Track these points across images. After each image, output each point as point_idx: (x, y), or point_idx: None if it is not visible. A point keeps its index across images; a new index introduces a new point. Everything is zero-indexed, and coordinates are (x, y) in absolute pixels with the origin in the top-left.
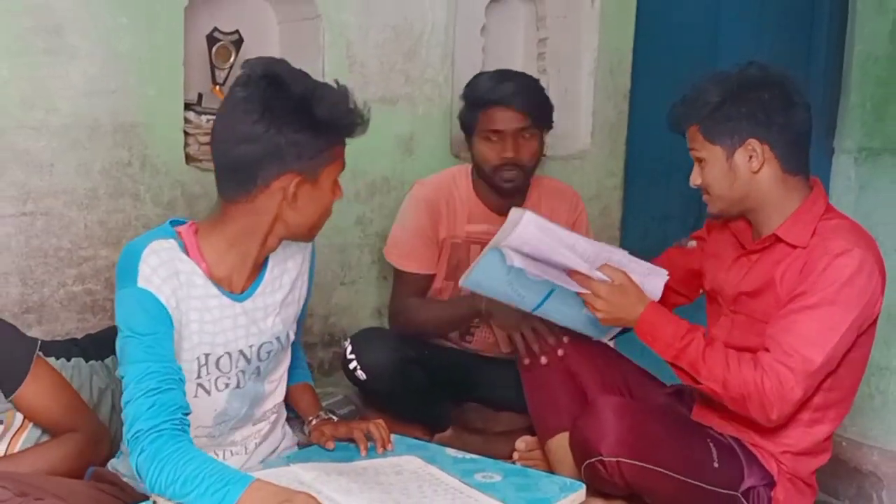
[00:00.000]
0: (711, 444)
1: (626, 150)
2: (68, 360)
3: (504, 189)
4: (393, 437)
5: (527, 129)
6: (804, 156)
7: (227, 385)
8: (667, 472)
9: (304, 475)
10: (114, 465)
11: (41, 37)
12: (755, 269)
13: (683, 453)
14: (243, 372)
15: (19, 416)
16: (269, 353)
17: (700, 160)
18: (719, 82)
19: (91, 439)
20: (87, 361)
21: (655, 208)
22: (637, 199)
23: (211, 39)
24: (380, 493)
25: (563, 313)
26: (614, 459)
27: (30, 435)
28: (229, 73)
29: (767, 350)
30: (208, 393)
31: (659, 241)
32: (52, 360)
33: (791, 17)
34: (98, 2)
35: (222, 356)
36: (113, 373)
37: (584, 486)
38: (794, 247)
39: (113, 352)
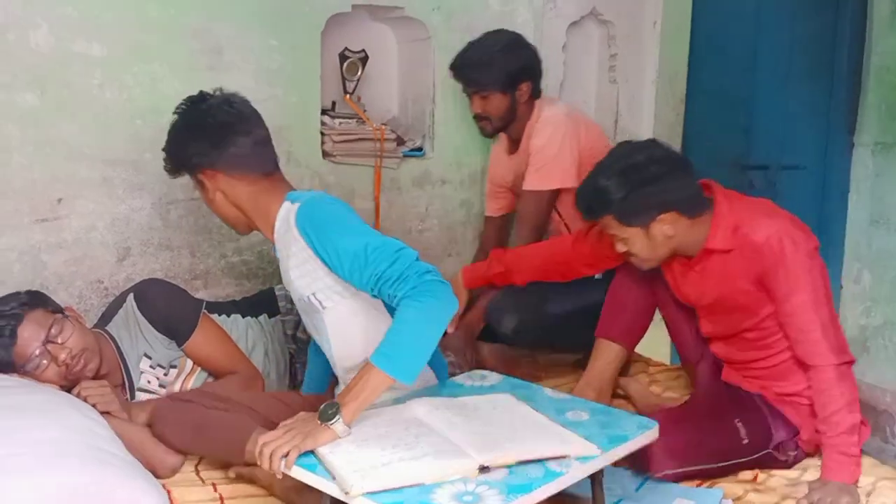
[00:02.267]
0: (739, 424)
1: (682, 145)
2: (228, 316)
3: (484, 133)
4: (501, 376)
5: (479, 92)
6: (699, 198)
7: None
8: (705, 466)
9: (418, 409)
10: None
11: (206, 56)
12: (705, 281)
13: (718, 446)
14: None
15: (189, 362)
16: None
17: (622, 239)
18: (617, 174)
19: (247, 380)
20: (243, 318)
21: None
22: None
23: (342, 57)
24: (477, 425)
25: None
26: (661, 474)
27: (198, 377)
28: (357, 84)
29: (811, 363)
30: None
31: None
32: (215, 316)
33: (818, 34)
34: (252, 27)
35: None
36: (264, 328)
37: (657, 424)
38: (728, 251)
39: (263, 311)
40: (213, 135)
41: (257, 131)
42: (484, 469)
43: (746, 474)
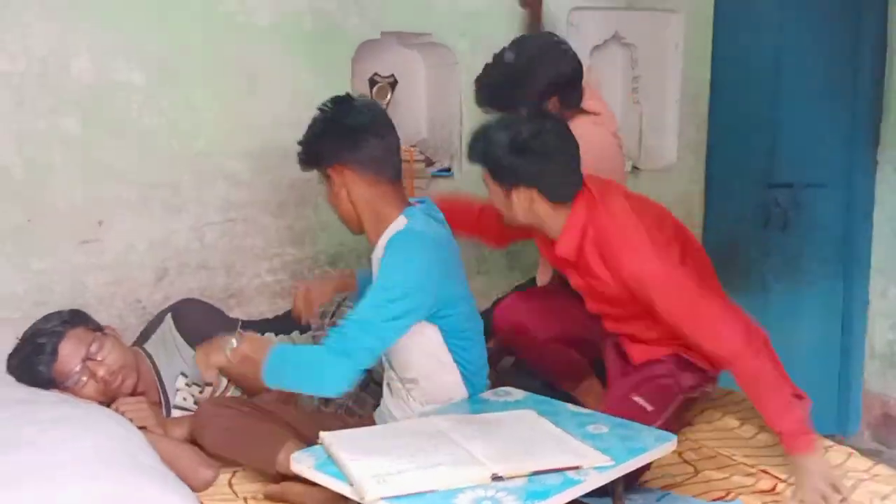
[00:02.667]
0: (637, 399)
1: (706, 164)
2: (262, 334)
3: None
4: (525, 393)
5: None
6: (565, 191)
7: None
8: None
9: (441, 423)
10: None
11: (242, 82)
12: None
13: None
14: None
15: (224, 381)
16: None
17: (490, 189)
18: (508, 134)
19: (282, 395)
20: (276, 335)
21: (731, 211)
22: (716, 203)
23: (372, 81)
24: (496, 439)
25: None
26: None
27: (232, 395)
28: (386, 107)
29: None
30: None
31: (734, 239)
32: (249, 334)
33: (840, 53)
34: (285, 55)
35: None
36: (297, 344)
37: (675, 437)
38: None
39: (296, 327)
40: (349, 133)
41: (390, 138)
42: (497, 478)
43: (764, 484)
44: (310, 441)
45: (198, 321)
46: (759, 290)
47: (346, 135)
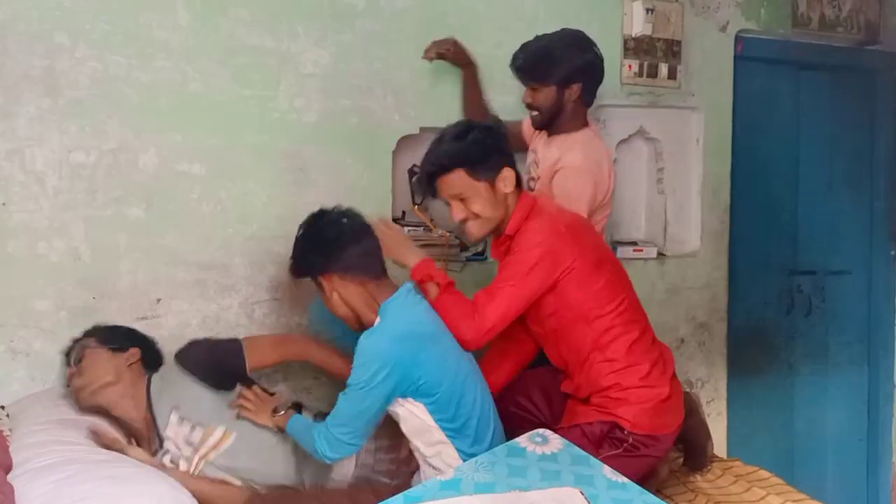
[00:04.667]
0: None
1: (728, 251)
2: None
3: (534, 124)
4: (561, 441)
5: (530, 83)
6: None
7: None
8: None
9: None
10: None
11: (292, 173)
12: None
13: None
14: None
15: (219, 432)
16: None
17: (464, 199)
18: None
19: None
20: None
21: (754, 296)
22: (739, 288)
23: (411, 172)
24: None
25: None
26: None
27: (229, 446)
28: (424, 196)
29: None
30: None
31: (759, 325)
32: None
33: (856, 146)
34: (331, 149)
35: None
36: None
37: None
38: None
39: None
40: (327, 244)
41: (366, 241)
42: None
43: None
44: None
45: (204, 355)
46: (786, 374)
47: (325, 246)
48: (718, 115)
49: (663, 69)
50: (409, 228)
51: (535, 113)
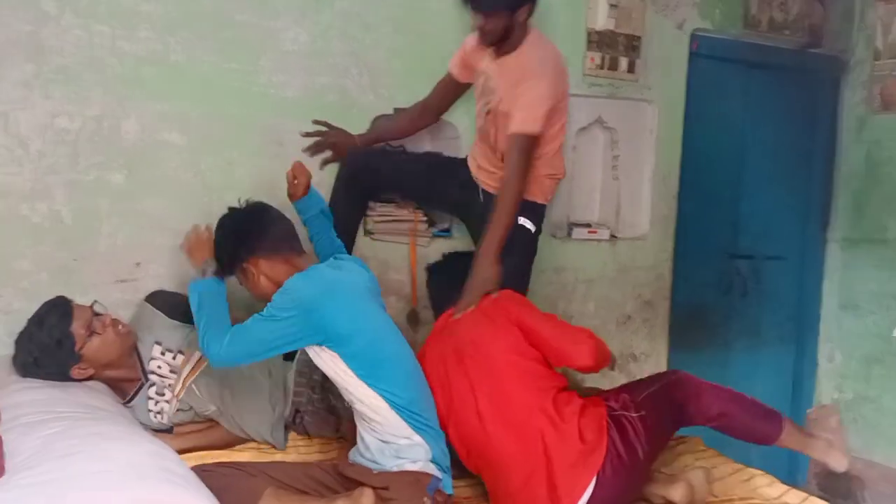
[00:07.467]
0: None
1: (674, 235)
2: None
3: (484, 43)
4: None
5: (481, 11)
6: None
7: None
8: None
9: None
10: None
11: (270, 147)
12: None
13: None
14: None
15: (196, 356)
16: None
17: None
18: None
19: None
20: None
21: (697, 277)
22: (683, 270)
23: (384, 151)
24: None
25: None
26: None
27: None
28: None
29: None
30: None
31: (699, 304)
32: None
33: (797, 142)
34: (309, 124)
35: None
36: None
37: None
38: None
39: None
40: (248, 234)
41: (280, 223)
42: None
43: None
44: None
45: (168, 295)
46: (722, 349)
47: (246, 236)
48: (671, 107)
49: (623, 62)
50: (379, 204)
51: (483, 35)
